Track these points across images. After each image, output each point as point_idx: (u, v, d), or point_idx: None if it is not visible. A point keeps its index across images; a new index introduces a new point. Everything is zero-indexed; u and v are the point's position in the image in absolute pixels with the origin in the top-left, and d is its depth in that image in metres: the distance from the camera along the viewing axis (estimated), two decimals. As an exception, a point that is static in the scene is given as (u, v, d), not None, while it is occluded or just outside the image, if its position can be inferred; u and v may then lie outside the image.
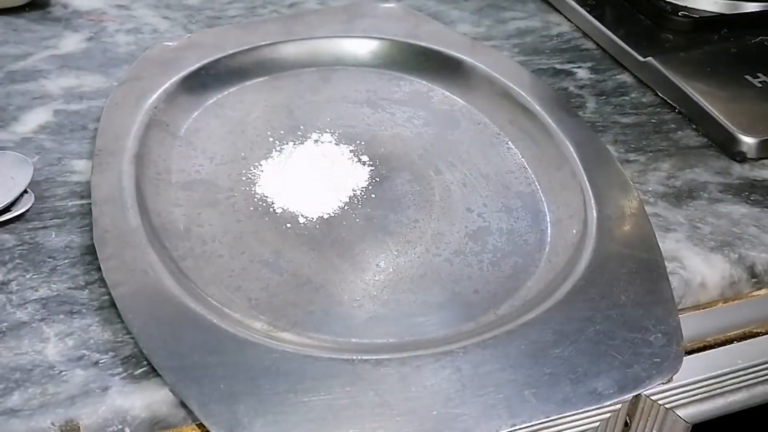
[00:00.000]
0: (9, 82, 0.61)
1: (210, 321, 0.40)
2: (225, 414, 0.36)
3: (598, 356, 0.40)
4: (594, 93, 0.63)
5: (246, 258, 0.46)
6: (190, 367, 0.38)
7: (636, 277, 0.44)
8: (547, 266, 0.47)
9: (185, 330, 0.40)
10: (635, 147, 0.57)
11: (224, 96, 0.59)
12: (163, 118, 0.55)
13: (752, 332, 0.54)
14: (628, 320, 0.42)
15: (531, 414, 0.37)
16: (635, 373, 0.39)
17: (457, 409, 0.37)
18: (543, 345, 0.40)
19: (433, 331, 0.43)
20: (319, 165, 0.53)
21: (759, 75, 0.61)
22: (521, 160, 0.55)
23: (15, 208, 0.49)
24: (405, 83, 0.62)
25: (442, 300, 0.45)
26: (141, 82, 0.57)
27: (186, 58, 0.60)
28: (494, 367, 0.39)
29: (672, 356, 0.40)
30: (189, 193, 0.50)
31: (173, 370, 0.38)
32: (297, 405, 0.37)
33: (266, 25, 0.65)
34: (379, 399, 0.37)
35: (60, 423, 0.38)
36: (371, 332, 0.43)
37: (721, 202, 0.53)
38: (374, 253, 0.47)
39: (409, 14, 0.67)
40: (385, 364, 0.39)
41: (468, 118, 0.59)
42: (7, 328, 0.42)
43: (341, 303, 0.44)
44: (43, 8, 0.71)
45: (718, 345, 0.53)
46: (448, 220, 0.50)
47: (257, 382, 0.38)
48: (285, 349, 0.39)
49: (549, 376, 0.39)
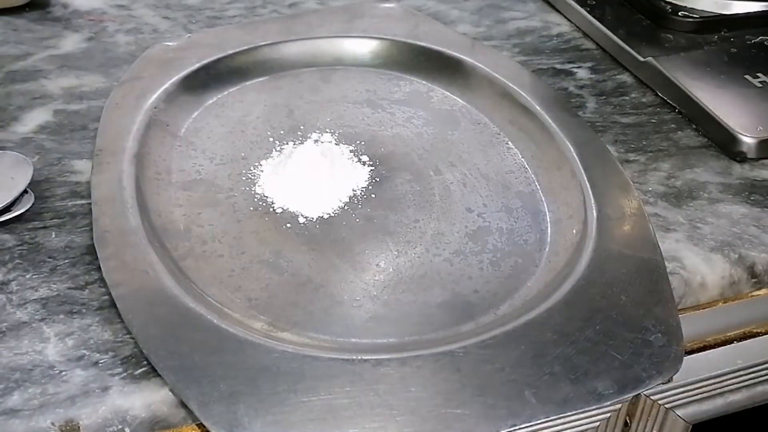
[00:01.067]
0: (9, 82, 0.61)
1: (210, 321, 0.40)
2: (225, 414, 0.36)
3: (598, 356, 0.40)
4: (594, 93, 0.63)
5: (246, 258, 0.46)
6: (189, 367, 0.38)
7: (636, 277, 0.44)
8: (547, 266, 0.47)
9: (185, 330, 0.40)
10: (635, 147, 0.57)
11: (224, 96, 0.59)
12: (164, 118, 0.55)
13: (752, 332, 0.54)
14: (628, 320, 0.42)
15: (531, 414, 0.37)
16: (635, 373, 0.39)
17: (458, 409, 0.37)
18: (543, 345, 0.40)
19: (433, 330, 0.43)
20: (319, 165, 0.53)
21: (759, 75, 0.61)
22: (521, 160, 0.55)
23: (15, 208, 0.49)
24: (405, 83, 0.62)
25: (442, 300, 0.45)
26: (141, 82, 0.57)
27: (186, 58, 0.60)
28: (494, 367, 0.39)
29: (672, 356, 0.40)
30: (189, 193, 0.50)
31: (173, 370, 0.38)
32: (297, 405, 0.37)
33: (266, 25, 0.65)
34: (379, 399, 0.37)
35: (60, 423, 0.38)
36: (371, 332, 0.43)
37: (721, 202, 0.53)
38: (374, 253, 0.47)
39: (409, 14, 0.67)
40: (385, 364, 0.39)
41: (468, 118, 0.59)
42: (7, 328, 0.42)
43: (341, 303, 0.44)
44: (43, 8, 0.71)
45: (718, 345, 0.53)
46: (448, 220, 0.50)
47: (257, 382, 0.38)
48: (285, 349, 0.39)
49: (549, 376, 0.39)
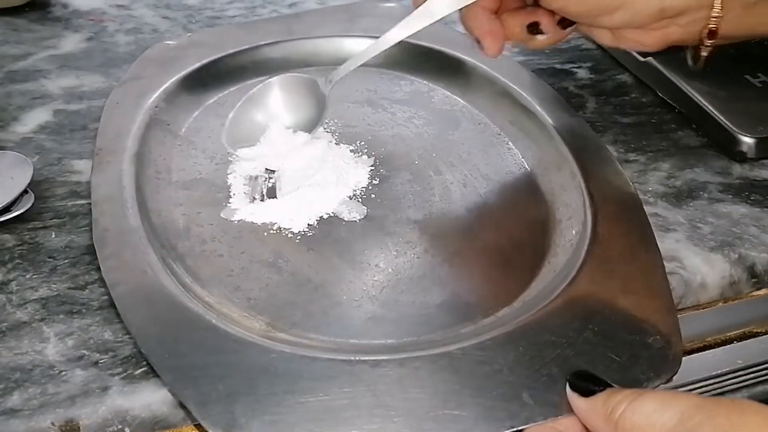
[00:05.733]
0: (9, 82, 0.62)
1: (209, 321, 0.40)
2: (223, 414, 0.36)
3: (596, 358, 0.40)
4: (594, 93, 0.63)
5: (245, 258, 0.46)
6: (188, 366, 0.38)
7: (635, 279, 0.44)
8: (547, 267, 0.47)
9: (184, 329, 0.40)
10: (635, 147, 0.57)
11: (225, 95, 0.59)
12: (164, 118, 0.55)
13: (752, 332, 0.54)
14: (626, 322, 0.42)
15: (528, 416, 0.37)
16: (633, 375, 0.39)
17: (456, 410, 0.37)
18: (541, 347, 0.40)
19: (432, 331, 0.43)
20: (318, 165, 0.53)
21: (759, 75, 0.61)
22: (521, 161, 0.55)
23: (15, 208, 0.49)
24: (405, 83, 0.62)
25: (441, 301, 0.45)
26: (141, 81, 0.57)
27: (186, 57, 0.60)
28: (492, 369, 0.39)
29: (671, 358, 0.40)
30: (189, 192, 0.50)
31: (171, 370, 0.38)
32: (294, 405, 0.37)
33: (266, 25, 0.65)
34: (377, 400, 0.37)
35: (60, 423, 0.38)
36: (370, 333, 0.43)
37: (721, 202, 0.53)
38: (374, 254, 0.47)
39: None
40: (383, 365, 0.39)
41: (468, 118, 0.59)
42: (7, 328, 0.42)
43: (340, 303, 0.44)
44: (43, 8, 0.72)
45: (718, 345, 0.53)
46: (447, 221, 0.50)
47: (255, 382, 0.38)
48: (283, 350, 0.39)
49: (547, 378, 0.39)
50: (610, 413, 0.34)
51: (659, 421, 0.32)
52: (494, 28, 0.48)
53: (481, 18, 0.48)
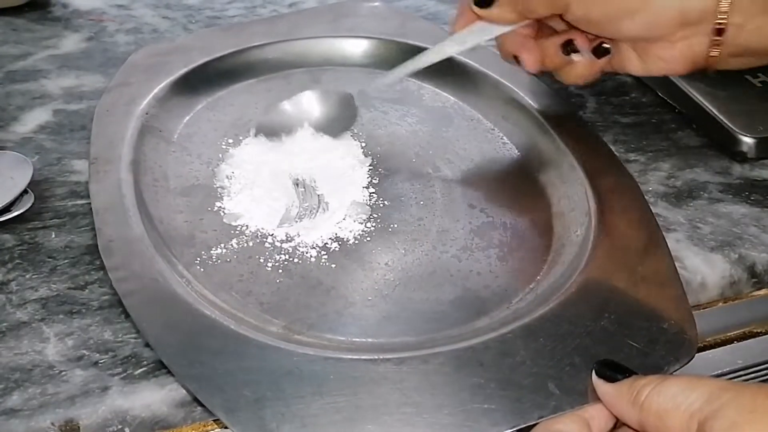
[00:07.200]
0: (9, 82, 0.62)
1: (227, 327, 0.40)
2: (252, 419, 0.36)
3: (616, 346, 0.40)
4: (594, 93, 0.63)
5: (253, 262, 0.46)
6: (211, 374, 0.38)
7: (643, 265, 0.44)
8: (554, 259, 0.46)
9: (202, 337, 0.39)
10: (635, 147, 0.57)
11: (214, 99, 0.59)
12: (155, 124, 0.54)
13: (752, 332, 0.54)
14: (640, 309, 0.42)
15: (557, 405, 0.37)
16: (653, 361, 0.39)
17: (484, 404, 0.37)
18: (560, 337, 0.40)
19: (449, 327, 0.43)
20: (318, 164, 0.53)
21: (759, 75, 0.61)
22: (518, 155, 0.55)
23: (15, 208, 0.49)
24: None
25: (453, 297, 0.45)
26: (130, 87, 0.57)
27: (172, 62, 0.59)
28: (515, 361, 0.39)
29: (687, 342, 0.40)
30: (189, 198, 0.50)
31: (195, 379, 0.38)
32: (324, 407, 0.37)
33: (252, 27, 0.65)
34: (405, 398, 0.37)
35: (60, 423, 0.38)
36: (386, 331, 0.42)
37: (721, 202, 0.53)
38: (381, 252, 0.47)
39: (395, 12, 0.67)
40: (407, 363, 0.39)
41: (461, 114, 0.59)
42: (7, 328, 0.42)
43: (354, 303, 0.44)
44: (43, 8, 0.72)
45: (718, 345, 0.53)
46: (451, 217, 0.50)
47: (281, 385, 0.37)
48: (306, 352, 0.39)
49: (570, 367, 0.39)
50: (636, 396, 0.34)
51: (684, 403, 0.32)
52: (530, 46, 0.49)
53: (517, 40, 0.49)
